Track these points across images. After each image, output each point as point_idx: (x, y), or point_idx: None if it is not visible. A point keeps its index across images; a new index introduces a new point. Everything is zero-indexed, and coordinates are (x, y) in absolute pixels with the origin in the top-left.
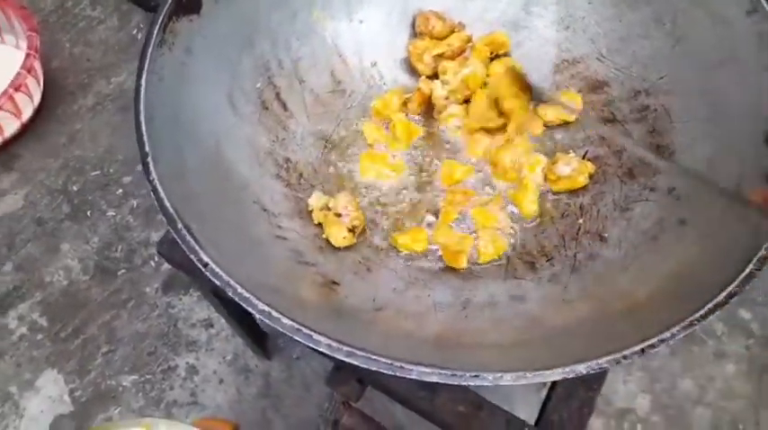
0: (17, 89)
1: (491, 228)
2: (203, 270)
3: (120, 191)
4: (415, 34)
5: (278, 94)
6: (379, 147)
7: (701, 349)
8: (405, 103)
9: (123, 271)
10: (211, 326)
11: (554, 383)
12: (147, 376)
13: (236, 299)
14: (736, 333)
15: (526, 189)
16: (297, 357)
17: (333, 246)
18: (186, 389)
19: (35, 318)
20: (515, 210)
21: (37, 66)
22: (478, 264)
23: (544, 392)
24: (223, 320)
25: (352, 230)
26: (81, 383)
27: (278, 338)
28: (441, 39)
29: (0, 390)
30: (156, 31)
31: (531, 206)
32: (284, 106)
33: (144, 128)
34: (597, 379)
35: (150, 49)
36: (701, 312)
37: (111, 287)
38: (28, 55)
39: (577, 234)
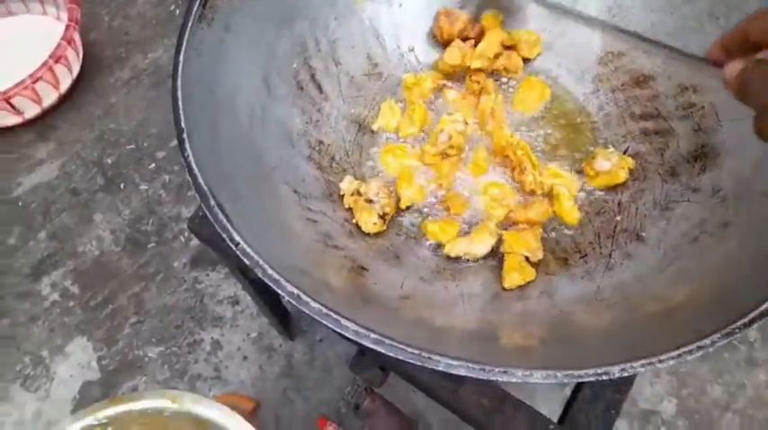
0: (57, 60)
1: (519, 254)
2: (234, 249)
3: (153, 165)
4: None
5: (313, 76)
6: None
7: (732, 355)
8: (436, 88)
9: (153, 244)
10: (237, 303)
11: (581, 383)
12: (173, 349)
13: (266, 279)
14: None
15: (559, 198)
16: (320, 339)
17: (362, 232)
18: (210, 363)
19: (67, 285)
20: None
21: (76, 38)
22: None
23: (567, 390)
24: (248, 298)
25: (382, 217)
26: (109, 352)
27: (301, 320)
28: (460, 37)
29: (33, 354)
30: (196, 7)
31: (573, 213)
32: (319, 88)
33: (180, 104)
34: (626, 381)
35: (190, 24)
36: (744, 320)
37: (141, 259)
38: (68, 27)
39: (614, 232)
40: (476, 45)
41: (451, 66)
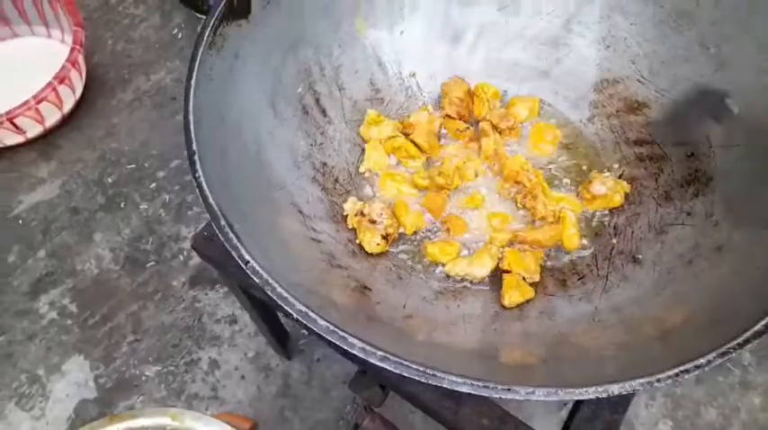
0: (61, 81)
1: (518, 275)
2: (244, 268)
3: (154, 185)
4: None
5: (318, 100)
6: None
7: (727, 378)
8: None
9: (152, 263)
10: (235, 322)
11: (578, 403)
12: (171, 367)
13: (275, 297)
14: (765, 364)
15: (564, 223)
16: (318, 359)
17: (365, 252)
18: (208, 382)
19: (65, 303)
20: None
21: (81, 60)
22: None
23: (564, 412)
24: (246, 317)
25: (385, 238)
26: (106, 370)
27: (299, 340)
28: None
29: (29, 372)
30: (207, 34)
31: (574, 240)
32: (323, 112)
33: (192, 127)
34: (623, 402)
35: (201, 51)
36: (738, 340)
37: (140, 278)
38: (73, 49)
39: (611, 254)
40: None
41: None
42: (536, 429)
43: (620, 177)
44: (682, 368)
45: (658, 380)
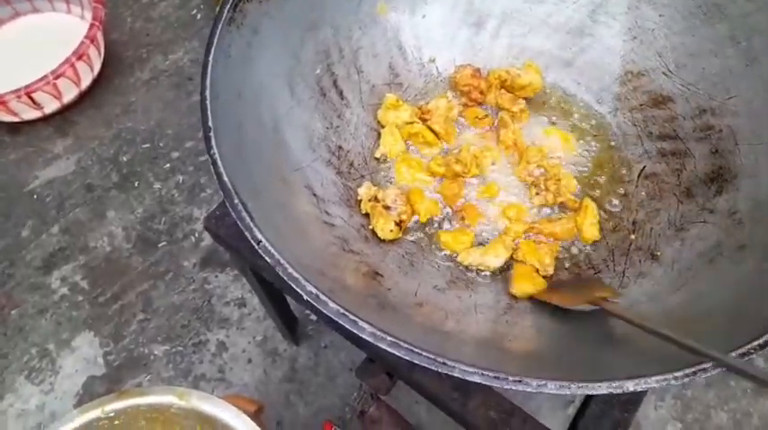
0: (79, 58)
1: (531, 265)
2: (256, 247)
3: (168, 165)
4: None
5: (335, 82)
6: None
7: (739, 383)
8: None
9: (164, 243)
10: (244, 305)
11: (587, 401)
12: (179, 348)
13: (286, 278)
14: None
15: (586, 211)
16: (325, 346)
17: (378, 238)
18: (215, 364)
19: (77, 280)
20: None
21: (99, 37)
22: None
23: (571, 409)
24: (256, 301)
25: (399, 224)
26: (115, 348)
27: (308, 325)
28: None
29: (39, 346)
30: (227, 9)
31: (592, 231)
32: (341, 94)
33: (209, 103)
34: (634, 401)
35: (220, 27)
36: (759, 342)
37: (152, 258)
38: (92, 25)
39: (628, 250)
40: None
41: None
42: (547, 426)
43: (641, 172)
44: (700, 367)
45: (675, 378)
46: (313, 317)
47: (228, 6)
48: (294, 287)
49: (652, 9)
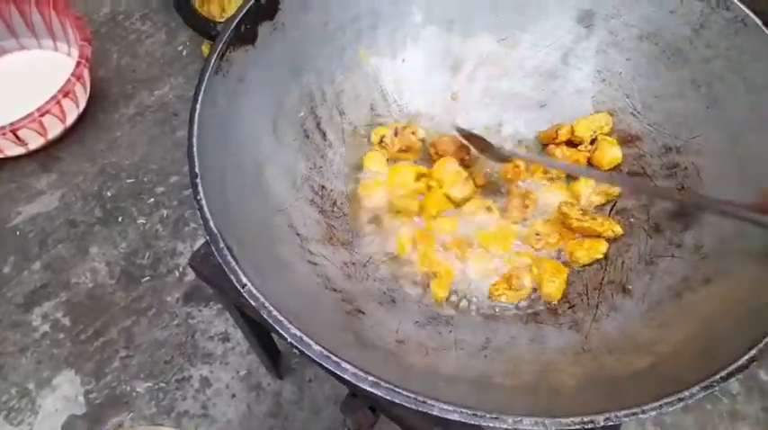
0: (65, 95)
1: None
2: (242, 291)
3: (152, 200)
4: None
5: (318, 124)
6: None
7: (716, 407)
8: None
9: (148, 278)
10: (228, 340)
11: None
12: (162, 384)
13: (270, 321)
14: (754, 394)
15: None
16: (309, 379)
17: (360, 275)
18: (198, 400)
19: (58, 317)
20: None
21: (86, 74)
22: (499, 306)
23: None
24: (239, 335)
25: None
26: (97, 385)
27: (291, 359)
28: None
29: (18, 386)
30: (213, 59)
31: (554, 291)
32: (324, 135)
33: (195, 149)
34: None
35: (207, 76)
36: (722, 374)
37: (135, 293)
38: (78, 63)
39: (601, 284)
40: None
41: None
42: None
43: (612, 208)
44: (666, 400)
45: (643, 412)
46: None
47: (216, 55)
48: (279, 329)
49: (619, 53)
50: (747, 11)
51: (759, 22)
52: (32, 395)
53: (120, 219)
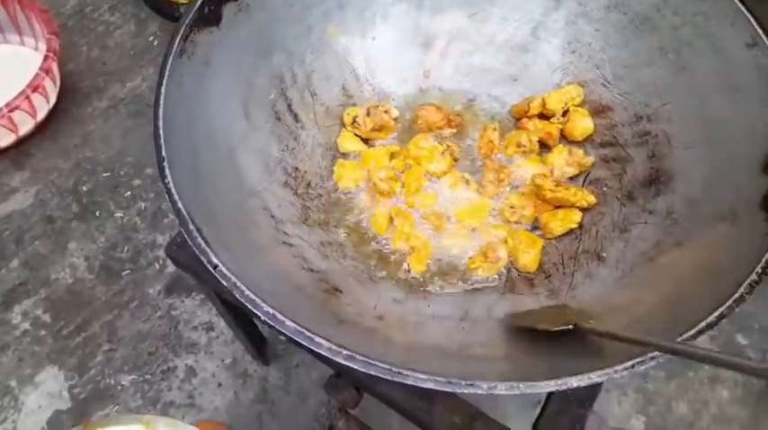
0: (34, 90)
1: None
2: (213, 271)
3: (129, 193)
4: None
5: (290, 106)
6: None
7: (696, 373)
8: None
9: (128, 271)
10: (212, 329)
11: (548, 399)
12: (147, 376)
13: (243, 300)
14: None
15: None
16: (296, 365)
17: (336, 254)
18: (184, 390)
19: (39, 314)
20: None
21: (54, 68)
22: (476, 279)
23: (538, 410)
24: (223, 324)
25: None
26: (80, 380)
27: (277, 345)
28: (438, 128)
29: (1, 384)
30: (177, 41)
31: (529, 262)
32: (296, 117)
33: (162, 133)
34: (590, 396)
35: (171, 58)
36: (690, 332)
37: (116, 287)
38: (46, 57)
39: (576, 253)
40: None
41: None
42: (511, 427)
43: (585, 179)
44: (637, 360)
45: (615, 371)
46: (281, 336)
47: (179, 38)
48: (251, 308)
49: (588, 24)
50: None
51: None
52: (15, 392)
53: (97, 214)
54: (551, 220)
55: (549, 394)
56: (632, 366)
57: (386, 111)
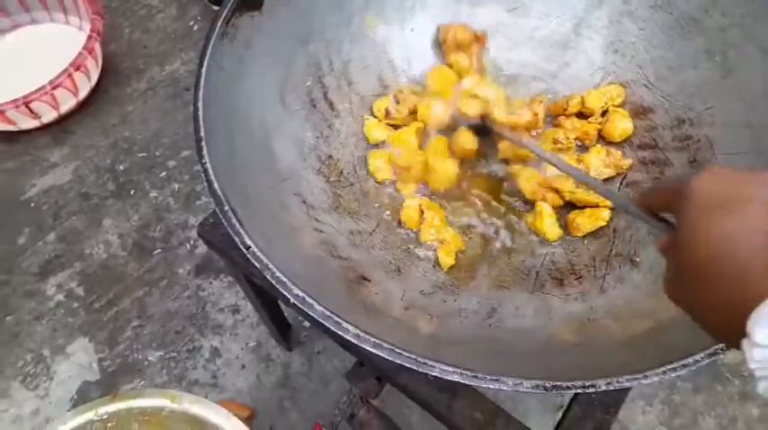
0: (77, 68)
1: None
2: (245, 252)
3: (164, 173)
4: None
5: (326, 94)
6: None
7: (726, 388)
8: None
9: (159, 250)
10: (238, 311)
11: (571, 402)
12: (173, 354)
13: (273, 282)
14: None
15: (541, 215)
16: (318, 352)
17: (366, 244)
18: (209, 370)
19: (73, 287)
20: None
21: (97, 48)
22: (507, 277)
23: (560, 414)
24: (249, 307)
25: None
26: (110, 353)
27: (301, 332)
28: (464, 46)
29: (34, 352)
30: (219, 24)
31: (552, 230)
32: (331, 105)
33: (201, 113)
34: (615, 402)
35: (213, 41)
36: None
37: (147, 265)
38: (90, 37)
39: (609, 256)
40: None
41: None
42: (531, 428)
43: (622, 181)
44: (669, 367)
45: (645, 376)
46: (306, 323)
47: (221, 21)
48: (282, 290)
49: (632, 23)
50: None
51: None
52: (48, 361)
53: (132, 193)
54: (578, 216)
55: (573, 398)
56: (663, 372)
57: (412, 92)
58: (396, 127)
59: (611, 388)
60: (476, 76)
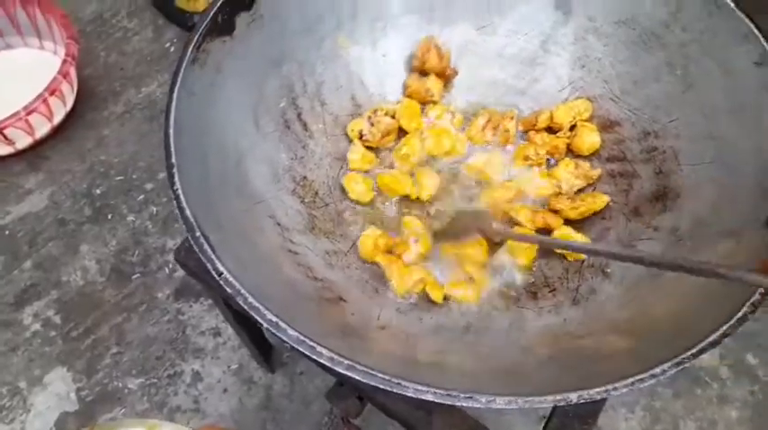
0: (52, 93)
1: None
2: (218, 278)
3: (142, 197)
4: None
5: (299, 115)
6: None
7: (705, 392)
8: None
9: (138, 275)
10: (219, 334)
11: (551, 415)
12: (153, 380)
13: (247, 308)
14: (742, 378)
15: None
16: (300, 372)
17: (342, 264)
18: (190, 395)
19: (50, 315)
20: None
21: (72, 72)
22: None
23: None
24: (230, 330)
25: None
26: (88, 382)
27: (283, 353)
28: (436, 72)
29: (10, 384)
30: (190, 50)
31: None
32: (305, 126)
33: (172, 139)
34: (592, 413)
35: (184, 66)
36: (692, 351)
37: (125, 290)
38: (65, 61)
39: (581, 267)
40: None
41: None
42: None
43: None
44: (637, 377)
45: (615, 388)
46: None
47: (192, 47)
48: (255, 316)
49: (597, 39)
50: None
51: (731, 3)
52: (24, 393)
53: (109, 217)
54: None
55: (554, 409)
56: (632, 384)
57: (386, 114)
58: (371, 149)
59: (582, 400)
60: (439, 107)
